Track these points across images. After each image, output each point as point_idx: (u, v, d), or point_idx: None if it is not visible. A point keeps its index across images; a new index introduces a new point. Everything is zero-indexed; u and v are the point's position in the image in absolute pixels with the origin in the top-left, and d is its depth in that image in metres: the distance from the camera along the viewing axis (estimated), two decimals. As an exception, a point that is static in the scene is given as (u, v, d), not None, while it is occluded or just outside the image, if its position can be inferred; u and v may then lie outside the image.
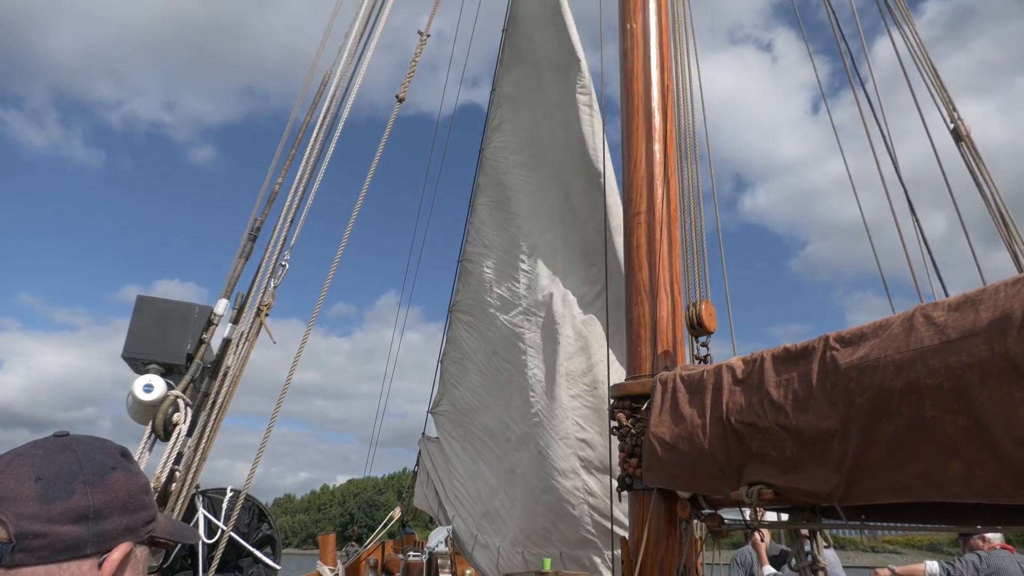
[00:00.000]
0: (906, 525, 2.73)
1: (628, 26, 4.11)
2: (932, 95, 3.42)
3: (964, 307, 2.18)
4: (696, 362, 3.40)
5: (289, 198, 3.38)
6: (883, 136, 3.73)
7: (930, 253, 3.64)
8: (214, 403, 3.18)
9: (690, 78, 3.84)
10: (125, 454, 1.15)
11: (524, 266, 6.60)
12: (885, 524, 2.67)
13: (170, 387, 3.13)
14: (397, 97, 3.83)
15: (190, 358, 3.23)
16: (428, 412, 8.26)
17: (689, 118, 3.80)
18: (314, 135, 3.52)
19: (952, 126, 3.44)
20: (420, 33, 4.05)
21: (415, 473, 8.98)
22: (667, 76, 3.95)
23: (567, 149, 6.25)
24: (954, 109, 3.53)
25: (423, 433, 8.58)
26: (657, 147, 3.86)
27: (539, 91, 6.65)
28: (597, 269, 6.03)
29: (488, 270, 7.03)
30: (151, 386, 3.04)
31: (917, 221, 4.01)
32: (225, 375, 3.28)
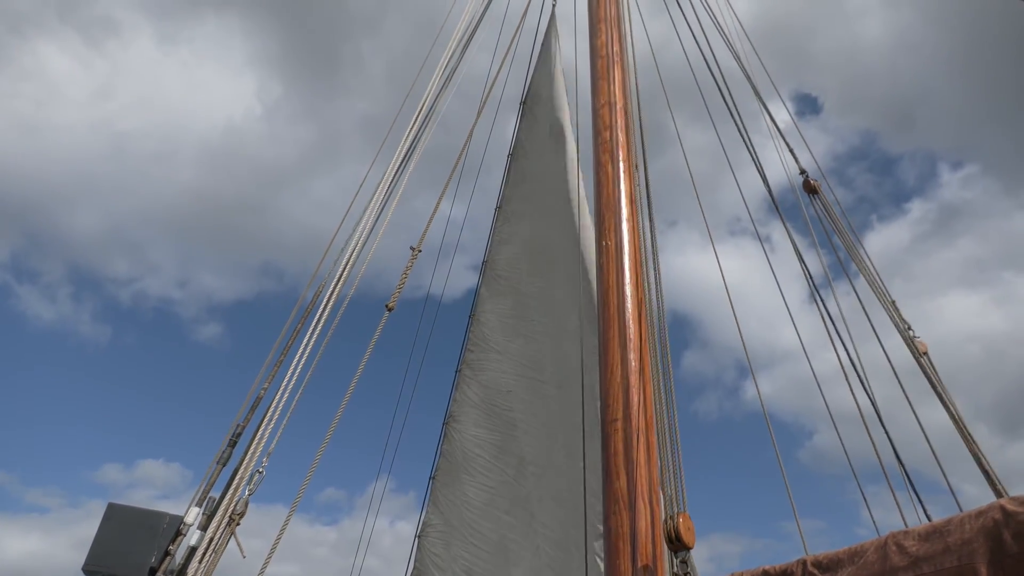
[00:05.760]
0: None
1: (604, 243, 4.45)
2: (891, 318, 3.68)
3: (933, 537, 2.22)
4: (677, 579, 3.29)
5: (272, 405, 3.45)
6: (847, 351, 3.94)
7: (903, 467, 3.70)
8: (171, 620, 3.00)
9: (658, 290, 4.10)
10: None
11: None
12: None
13: (127, 603, 2.97)
14: (387, 307, 4.03)
15: (153, 572, 3.10)
16: (416, 536, 7.82)
17: (660, 328, 3.99)
18: (300, 349, 3.67)
19: (911, 347, 3.65)
20: (412, 248, 4.38)
21: None
22: (640, 289, 4.22)
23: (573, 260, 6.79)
24: (910, 328, 3.76)
25: None
26: (632, 355, 4.01)
27: (543, 208, 7.33)
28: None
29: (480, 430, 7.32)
30: (107, 603, 2.89)
31: (886, 431, 4.11)
32: (187, 587, 3.13)
